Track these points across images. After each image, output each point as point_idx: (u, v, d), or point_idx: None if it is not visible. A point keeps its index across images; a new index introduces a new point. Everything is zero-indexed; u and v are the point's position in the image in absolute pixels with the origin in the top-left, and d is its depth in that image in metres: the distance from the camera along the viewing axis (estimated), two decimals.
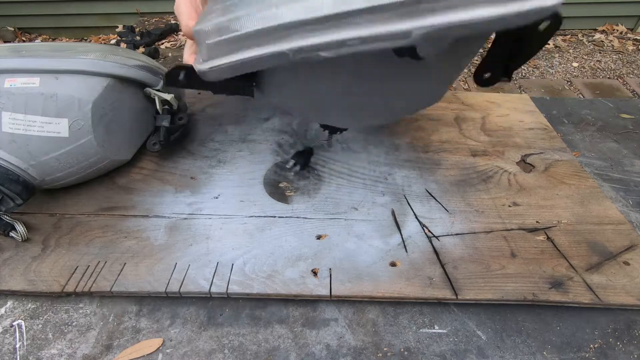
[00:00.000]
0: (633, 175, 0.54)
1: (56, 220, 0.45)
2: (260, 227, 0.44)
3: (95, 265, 0.40)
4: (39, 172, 0.43)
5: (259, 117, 0.63)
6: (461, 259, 0.40)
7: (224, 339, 0.36)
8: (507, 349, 0.35)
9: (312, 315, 0.37)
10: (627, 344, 0.35)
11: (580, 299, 0.37)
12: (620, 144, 0.60)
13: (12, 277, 0.39)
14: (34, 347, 0.35)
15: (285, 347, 0.35)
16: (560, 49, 2.37)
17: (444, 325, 0.37)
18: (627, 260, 0.40)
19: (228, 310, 0.38)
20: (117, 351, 0.35)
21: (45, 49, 0.46)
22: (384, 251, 0.41)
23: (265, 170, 0.52)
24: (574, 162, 0.53)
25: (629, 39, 2.45)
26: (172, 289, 0.38)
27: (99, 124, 0.45)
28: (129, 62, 0.47)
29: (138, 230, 0.44)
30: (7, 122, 0.40)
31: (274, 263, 0.40)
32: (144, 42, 2.45)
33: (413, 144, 0.57)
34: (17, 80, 0.40)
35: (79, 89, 0.43)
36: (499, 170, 0.52)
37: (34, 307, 0.38)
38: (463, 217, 0.45)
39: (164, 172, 0.52)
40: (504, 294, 0.37)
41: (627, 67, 2.15)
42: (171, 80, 0.34)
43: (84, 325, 0.37)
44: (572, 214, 0.45)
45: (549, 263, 0.40)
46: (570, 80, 2.01)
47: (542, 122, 0.62)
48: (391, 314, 0.38)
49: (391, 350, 0.35)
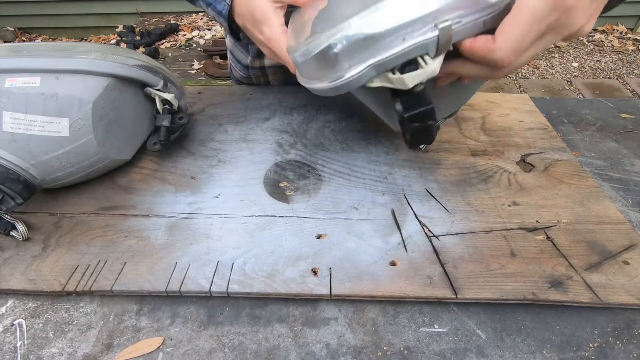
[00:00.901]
0: (633, 175, 0.54)
1: (57, 220, 0.45)
2: (261, 226, 0.44)
3: (96, 264, 0.40)
4: (39, 172, 0.43)
5: (259, 117, 0.63)
6: (461, 259, 0.40)
7: (224, 338, 0.36)
8: (506, 348, 0.35)
9: (312, 315, 0.38)
10: (627, 343, 0.35)
11: (579, 299, 0.37)
12: (620, 144, 0.60)
13: (13, 276, 0.39)
14: (34, 346, 0.35)
15: (285, 346, 0.35)
16: (560, 49, 2.37)
17: (444, 325, 0.37)
18: (627, 259, 0.40)
19: (228, 309, 0.38)
20: (117, 350, 0.35)
21: (46, 48, 0.46)
22: (383, 250, 0.41)
23: (265, 170, 0.52)
24: (574, 162, 0.53)
25: (629, 39, 2.45)
26: (172, 288, 0.38)
27: (99, 124, 0.45)
28: (129, 62, 0.47)
29: (138, 230, 0.44)
30: (7, 121, 0.40)
31: (274, 262, 0.40)
32: (144, 42, 2.45)
33: None
34: (18, 80, 0.40)
35: (79, 89, 0.43)
36: (498, 169, 0.52)
37: (34, 306, 0.38)
38: (463, 216, 0.45)
39: (164, 171, 0.53)
40: (503, 293, 0.37)
41: (627, 67, 2.15)
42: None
43: (85, 324, 0.37)
44: (572, 213, 0.46)
45: (549, 262, 0.40)
46: (570, 80, 2.00)
47: (542, 122, 0.62)
48: (391, 313, 0.38)
49: (391, 349, 0.35)
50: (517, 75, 2.10)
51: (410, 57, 0.31)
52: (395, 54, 0.30)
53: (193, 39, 2.61)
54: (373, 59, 0.31)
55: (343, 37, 0.31)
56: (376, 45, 0.30)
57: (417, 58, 0.31)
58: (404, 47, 0.30)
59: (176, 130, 0.55)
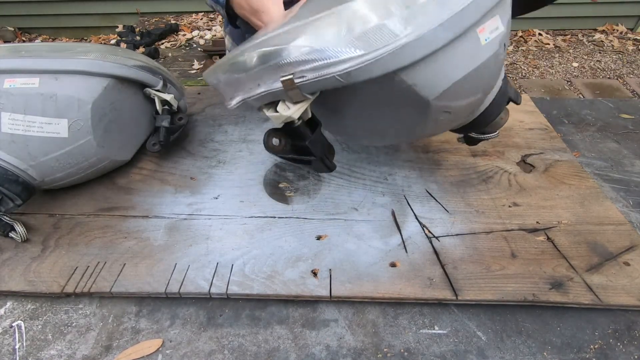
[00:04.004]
0: (633, 176, 0.54)
1: (56, 221, 0.45)
2: (260, 227, 0.44)
3: (95, 265, 0.40)
4: (38, 173, 0.43)
5: (258, 117, 0.63)
6: (461, 260, 0.40)
7: (224, 339, 0.36)
8: (507, 349, 0.35)
9: (312, 316, 0.37)
10: (628, 344, 0.35)
11: (580, 300, 0.36)
12: (620, 144, 0.60)
13: (12, 278, 0.39)
14: (33, 347, 0.35)
15: (285, 347, 0.35)
16: (560, 49, 2.37)
17: (444, 326, 0.36)
18: (628, 260, 0.40)
19: (228, 310, 0.38)
20: (116, 352, 0.35)
21: (45, 49, 0.46)
22: (384, 252, 0.41)
23: (265, 170, 0.52)
24: (574, 163, 0.53)
25: (629, 39, 2.45)
26: (171, 289, 0.38)
27: (98, 125, 0.45)
28: (128, 63, 0.47)
29: (138, 231, 0.44)
30: (6, 122, 0.40)
31: (274, 264, 0.40)
32: (144, 42, 2.45)
33: (413, 144, 0.57)
34: (17, 81, 0.40)
35: (78, 90, 0.43)
36: (499, 170, 0.52)
37: (33, 308, 0.38)
38: (463, 217, 0.45)
39: (163, 172, 0.52)
40: (504, 295, 0.37)
41: (627, 67, 2.15)
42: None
43: (84, 326, 0.37)
44: (573, 214, 0.45)
45: (549, 263, 0.40)
46: (570, 80, 2.00)
47: (542, 122, 0.62)
48: (391, 314, 0.37)
49: (391, 351, 0.35)
50: (517, 75, 2.10)
51: (275, 99, 0.33)
52: (256, 95, 0.33)
53: (193, 39, 2.61)
54: (243, 96, 0.35)
55: (226, 69, 0.35)
56: (242, 85, 0.34)
57: (280, 102, 0.33)
58: (260, 91, 0.33)
59: (176, 130, 0.55)
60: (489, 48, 0.31)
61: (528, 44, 2.40)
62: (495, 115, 0.41)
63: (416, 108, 0.33)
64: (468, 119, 0.41)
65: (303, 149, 0.36)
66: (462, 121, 0.41)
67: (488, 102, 0.39)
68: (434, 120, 0.35)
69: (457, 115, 0.37)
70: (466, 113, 0.39)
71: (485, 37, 0.31)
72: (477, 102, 0.37)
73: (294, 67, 0.30)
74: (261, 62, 0.31)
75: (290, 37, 0.30)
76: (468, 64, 0.31)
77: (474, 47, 0.31)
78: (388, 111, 0.37)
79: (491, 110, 0.40)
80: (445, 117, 0.35)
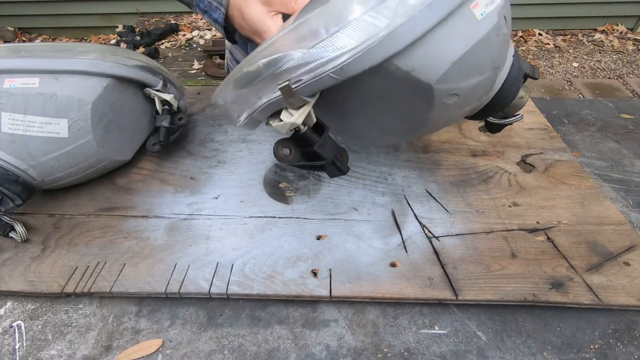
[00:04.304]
0: (633, 176, 0.54)
1: (56, 221, 0.45)
2: (260, 227, 0.44)
3: (95, 265, 0.40)
4: (38, 173, 0.43)
5: None
6: (461, 260, 0.40)
7: (224, 339, 0.36)
8: (507, 349, 0.35)
9: (312, 316, 0.37)
10: (628, 344, 0.35)
11: (580, 300, 0.36)
12: (620, 144, 0.60)
13: (12, 278, 0.39)
14: (33, 348, 0.35)
15: (285, 347, 0.35)
16: (560, 49, 2.37)
17: (444, 326, 0.37)
18: (628, 260, 0.40)
19: (228, 310, 0.38)
20: (116, 352, 0.35)
21: (45, 49, 0.46)
22: (384, 252, 0.41)
23: (265, 170, 0.52)
24: (574, 163, 0.53)
25: (629, 39, 2.45)
26: (171, 289, 0.38)
27: (98, 125, 0.45)
28: (128, 62, 0.47)
29: (138, 231, 0.44)
30: (6, 122, 0.40)
31: (274, 264, 0.40)
32: (144, 42, 2.45)
33: (413, 144, 0.57)
34: (17, 81, 0.40)
35: (78, 90, 0.43)
36: (499, 170, 0.52)
37: (33, 308, 0.38)
38: (463, 217, 0.45)
39: (163, 172, 0.52)
40: (504, 295, 0.37)
41: (627, 67, 2.15)
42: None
43: (84, 326, 0.37)
44: (573, 214, 0.45)
45: (549, 263, 0.40)
46: (570, 80, 2.00)
47: (542, 122, 0.62)
48: (391, 314, 0.38)
49: (391, 351, 0.35)
50: None
51: (278, 108, 0.34)
52: (259, 108, 0.34)
53: (193, 39, 2.61)
54: (249, 111, 0.35)
55: (230, 88, 0.36)
56: (246, 100, 0.35)
57: (282, 110, 0.34)
58: (262, 102, 0.33)
59: (176, 130, 0.55)
60: (487, 22, 0.31)
61: (528, 44, 2.40)
62: (514, 94, 0.39)
63: (420, 96, 0.33)
64: (483, 101, 0.39)
65: (313, 154, 0.36)
66: (477, 104, 0.39)
67: (501, 80, 0.38)
68: (443, 105, 0.34)
69: (467, 98, 0.36)
70: (479, 94, 0.37)
71: (481, 12, 0.30)
72: (487, 81, 0.36)
73: (290, 73, 0.30)
74: (259, 74, 0.31)
75: (281, 45, 0.30)
76: (466, 42, 0.30)
77: (469, 23, 0.30)
78: (395, 104, 0.36)
79: (508, 89, 0.38)
80: (455, 100, 0.34)
